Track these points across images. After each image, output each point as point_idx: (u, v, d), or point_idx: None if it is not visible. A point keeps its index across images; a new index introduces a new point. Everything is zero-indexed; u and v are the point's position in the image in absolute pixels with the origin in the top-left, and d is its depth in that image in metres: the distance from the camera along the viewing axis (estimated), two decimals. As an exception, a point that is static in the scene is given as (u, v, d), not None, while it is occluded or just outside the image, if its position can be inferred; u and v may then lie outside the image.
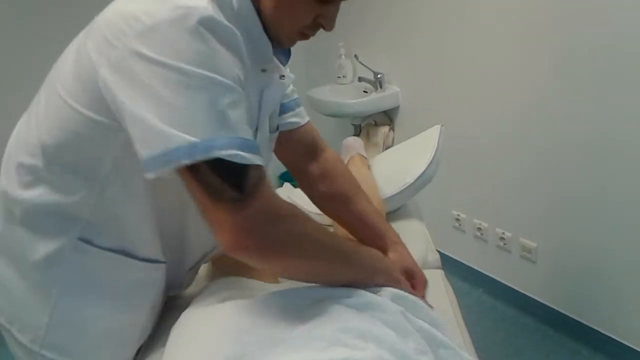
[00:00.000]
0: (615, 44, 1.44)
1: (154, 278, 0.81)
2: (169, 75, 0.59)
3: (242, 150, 0.60)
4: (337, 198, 1.00)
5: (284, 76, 0.86)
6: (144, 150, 0.60)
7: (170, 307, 0.92)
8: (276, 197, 0.66)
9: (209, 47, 0.61)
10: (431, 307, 0.82)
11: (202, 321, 0.73)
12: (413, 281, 0.94)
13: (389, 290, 0.77)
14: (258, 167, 0.62)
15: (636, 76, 1.41)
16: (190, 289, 0.97)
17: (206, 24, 0.61)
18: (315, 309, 0.68)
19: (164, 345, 0.75)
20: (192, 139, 0.58)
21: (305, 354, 0.59)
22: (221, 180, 0.60)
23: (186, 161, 0.58)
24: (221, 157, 0.59)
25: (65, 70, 0.70)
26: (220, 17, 0.63)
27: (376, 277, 0.80)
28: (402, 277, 0.88)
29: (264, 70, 0.78)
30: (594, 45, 1.50)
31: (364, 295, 0.71)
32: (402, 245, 1.01)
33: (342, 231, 1.04)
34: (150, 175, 0.60)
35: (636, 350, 1.62)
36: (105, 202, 0.72)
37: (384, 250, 0.96)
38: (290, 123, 0.96)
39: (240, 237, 0.61)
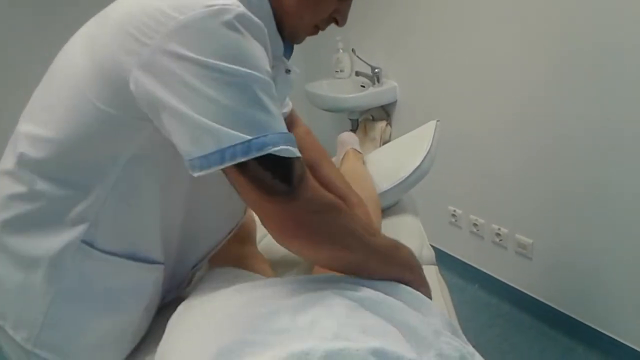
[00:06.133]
0: (612, 40, 1.43)
1: (152, 279, 0.80)
2: (210, 74, 0.59)
3: (289, 145, 0.62)
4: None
5: (289, 70, 0.88)
6: (194, 148, 0.60)
7: (167, 308, 0.90)
8: (320, 188, 0.68)
9: (246, 42, 0.62)
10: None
11: (202, 310, 0.73)
12: None
13: (401, 289, 0.75)
14: (299, 159, 0.64)
15: (634, 72, 1.40)
16: (188, 287, 0.96)
17: (242, 20, 0.62)
18: (319, 301, 0.67)
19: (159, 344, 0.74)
20: (247, 136, 0.59)
21: (307, 343, 0.58)
22: (271, 175, 0.61)
23: (242, 159, 0.59)
24: (273, 153, 0.60)
25: (80, 66, 0.68)
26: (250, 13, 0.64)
27: (407, 274, 0.79)
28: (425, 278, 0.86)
29: (272, 67, 0.78)
30: (591, 40, 1.49)
31: (368, 291, 0.70)
32: (364, 206, 1.04)
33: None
34: (197, 174, 0.60)
35: (631, 348, 1.62)
36: (113, 202, 0.70)
37: None
38: (283, 113, 0.98)
39: (293, 227, 0.64)
